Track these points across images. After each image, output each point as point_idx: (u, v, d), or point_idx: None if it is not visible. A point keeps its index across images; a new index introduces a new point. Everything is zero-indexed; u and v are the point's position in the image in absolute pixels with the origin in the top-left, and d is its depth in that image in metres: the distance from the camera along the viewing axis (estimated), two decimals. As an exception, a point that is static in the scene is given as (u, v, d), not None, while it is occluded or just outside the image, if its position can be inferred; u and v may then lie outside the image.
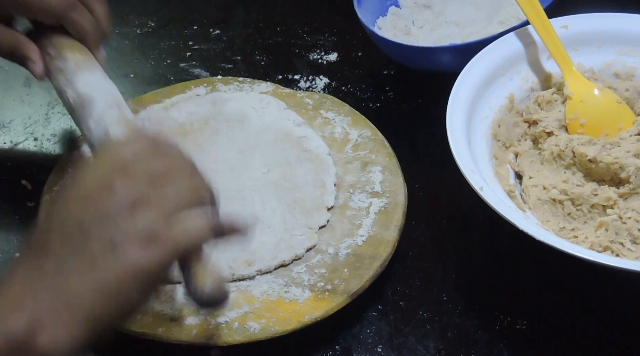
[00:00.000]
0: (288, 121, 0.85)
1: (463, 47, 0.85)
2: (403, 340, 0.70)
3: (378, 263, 0.71)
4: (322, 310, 0.68)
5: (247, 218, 0.58)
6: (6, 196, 0.83)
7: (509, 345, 0.70)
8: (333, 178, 0.79)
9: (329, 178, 0.79)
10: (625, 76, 0.84)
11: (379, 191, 0.78)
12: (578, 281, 0.72)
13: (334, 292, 0.69)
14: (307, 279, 0.71)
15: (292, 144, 0.82)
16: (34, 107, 0.94)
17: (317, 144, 0.82)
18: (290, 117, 0.85)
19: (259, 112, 0.86)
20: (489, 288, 0.74)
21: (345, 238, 0.74)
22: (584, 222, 0.74)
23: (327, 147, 0.82)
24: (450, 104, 0.76)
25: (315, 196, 0.77)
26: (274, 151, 0.81)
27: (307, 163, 0.80)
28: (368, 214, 0.76)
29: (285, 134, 0.83)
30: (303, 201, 0.76)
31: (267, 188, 0.77)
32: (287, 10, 1.07)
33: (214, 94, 0.89)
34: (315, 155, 0.81)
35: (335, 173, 0.80)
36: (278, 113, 0.86)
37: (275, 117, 0.85)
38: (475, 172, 0.71)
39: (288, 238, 0.73)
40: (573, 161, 0.77)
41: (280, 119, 0.85)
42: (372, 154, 0.82)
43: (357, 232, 0.75)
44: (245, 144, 0.82)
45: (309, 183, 0.78)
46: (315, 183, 0.78)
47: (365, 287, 0.70)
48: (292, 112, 0.86)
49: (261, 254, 0.72)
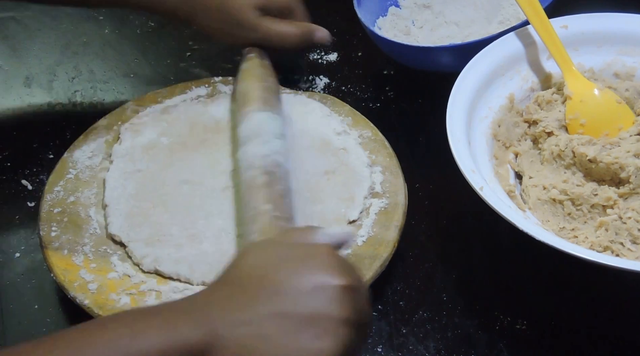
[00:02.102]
0: (329, 127, 0.83)
1: (463, 47, 0.85)
2: (403, 340, 0.70)
3: (378, 263, 0.71)
4: None
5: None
6: (6, 196, 0.83)
7: (509, 345, 0.70)
8: (365, 192, 0.78)
9: (361, 192, 0.78)
10: (625, 76, 0.84)
11: (379, 192, 0.78)
12: (578, 281, 0.72)
13: None
14: None
15: (328, 154, 0.81)
16: (34, 107, 0.94)
17: (356, 155, 0.81)
18: (332, 124, 0.84)
19: (301, 116, 0.85)
20: (489, 288, 0.74)
21: None
22: (584, 222, 0.74)
23: (367, 158, 0.81)
24: (450, 104, 0.76)
25: (338, 209, 0.76)
26: (305, 158, 0.80)
27: (339, 176, 0.79)
28: (368, 214, 0.76)
29: (323, 142, 0.82)
30: (323, 213, 0.76)
31: None
32: (287, 10, 1.07)
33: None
34: (352, 168, 0.79)
35: (369, 186, 0.78)
36: (320, 119, 0.85)
37: (317, 124, 0.84)
38: (475, 173, 0.71)
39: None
40: (573, 161, 0.77)
41: (320, 126, 0.84)
42: (373, 155, 0.82)
43: (357, 232, 0.75)
44: None
45: (335, 196, 0.77)
46: (342, 196, 0.77)
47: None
48: (336, 119, 0.85)
49: None
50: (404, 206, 0.76)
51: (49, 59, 0.98)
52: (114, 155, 0.82)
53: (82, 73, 0.97)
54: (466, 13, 0.96)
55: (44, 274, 0.74)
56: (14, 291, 0.75)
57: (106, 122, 0.86)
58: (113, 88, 0.96)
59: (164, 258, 0.72)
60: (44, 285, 0.75)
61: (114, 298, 0.70)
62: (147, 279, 0.71)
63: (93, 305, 0.69)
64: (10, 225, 0.80)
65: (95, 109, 0.88)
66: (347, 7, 0.93)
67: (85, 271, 0.72)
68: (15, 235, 0.79)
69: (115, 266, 0.72)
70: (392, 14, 0.97)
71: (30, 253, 0.77)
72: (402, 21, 0.96)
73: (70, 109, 0.93)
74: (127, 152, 0.82)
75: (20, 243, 0.78)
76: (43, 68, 0.98)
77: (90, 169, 0.81)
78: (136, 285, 0.71)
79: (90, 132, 0.85)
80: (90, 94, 0.95)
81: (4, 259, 0.77)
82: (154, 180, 0.79)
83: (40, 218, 0.76)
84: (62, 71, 0.97)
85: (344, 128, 0.84)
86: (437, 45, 0.90)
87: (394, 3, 0.98)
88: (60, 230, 0.75)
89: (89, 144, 0.83)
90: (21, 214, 0.81)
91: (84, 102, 0.94)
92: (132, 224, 0.75)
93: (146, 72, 0.97)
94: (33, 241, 0.78)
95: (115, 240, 0.75)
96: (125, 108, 0.87)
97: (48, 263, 0.72)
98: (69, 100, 0.94)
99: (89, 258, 0.73)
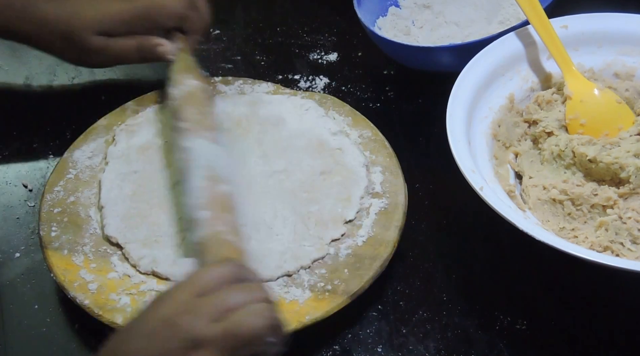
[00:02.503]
0: (324, 128, 0.83)
1: (463, 47, 0.85)
2: (403, 340, 0.70)
3: (378, 264, 0.71)
4: (322, 310, 0.68)
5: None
6: (6, 196, 0.83)
7: (509, 345, 0.70)
8: (361, 192, 0.78)
9: (357, 192, 0.78)
10: (625, 76, 0.84)
11: (379, 192, 0.78)
12: (578, 281, 0.72)
13: (334, 292, 0.69)
14: (307, 280, 0.71)
15: (325, 155, 0.81)
16: (34, 107, 0.94)
17: (352, 155, 0.81)
18: (327, 125, 0.84)
19: (296, 117, 0.85)
20: (489, 288, 0.74)
21: (346, 238, 0.74)
22: (584, 222, 0.74)
23: (364, 157, 0.81)
24: (450, 104, 0.76)
25: (334, 209, 0.76)
26: (301, 158, 0.80)
27: (335, 176, 0.79)
28: (368, 214, 0.76)
29: (319, 143, 0.82)
30: (320, 213, 0.76)
31: (281, 196, 0.77)
32: (287, 10, 1.07)
33: (253, 95, 0.88)
34: (348, 168, 0.79)
35: (365, 186, 0.78)
36: (316, 120, 0.84)
37: (312, 124, 0.84)
38: (475, 173, 0.71)
39: (296, 248, 0.73)
40: (573, 161, 0.77)
41: (316, 126, 0.84)
42: (373, 155, 0.82)
43: (357, 232, 0.75)
44: (273, 149, 0.81)
45: (332, 196, 0.77)
46: (339, 196, 0.77)
47: (365, 287, 0.70)
48: (331, 119, 0.85)
49: (266, 262, 0.71)
50: (404, 206, 0.76)
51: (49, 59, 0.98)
52: (109, 156, 0.82)
53: (82, 73, 0.97)
54: (466, 13, 0.96)
55: (44, 274, 0.74)
56: (14, 291, 0.75)
57: (106, 122, 0.86)
58: (113, 88, 0.95)
59: (162, 259, 0.72)
60: (44, 285, 0.75)
61: (114, 298, 0.70)
62: (147, 280, 0.71)
63: (93, 305, 0.69)
64: (10, 225, 0.80)
65: (95, 109, 0.88)
66: (347, 7, 0.93)
67: (85, 271, 0.72)
68: (15, 235, 0.79)
69: (115, 266, 0.72)
70: (392, 14, 0.97)
71: (30, 253, 0.77)
72: (402, 21, 0.96)
73: (70, 109, 0.93)
74: (122, 154, 0.82)
75: (20, 243, 0.78)
76: (43, 68, 0.98)
77: (91, 169, 0.81)
78: (136, 285, 0.71)
79: (90, 132, 0.85)
80: (90, 94, 0.95)
81: (4, 259, 0.77)
82: (151, 181, 0.79)
83: (40, 218, 0.76)
84: (62, 71, 0.97)
85: (340, 128, 0.84)
86: (437, 45, 0.90)
87: (394, 3, 0.98)
88: (60, 230, 0.75)
89: (89, 144, 0.83)
90: (21, 214, 0.81)
91: (83, 102, 0.94)
92: (128, 226, 0.75)
93: (146, 73, 0.97)
94: (33, 241, 0.78)
95: (112, 242, 0.75)
96: (125, 108, 0.87)
97: (48, 263, 0.72)
98: (69, 100, 0.94)
99: (89, 258, 0.73)
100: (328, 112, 0.86)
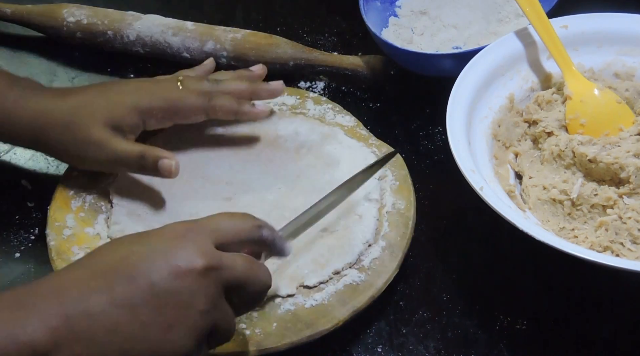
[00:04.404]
0: (363, 188, 0.75)
1: (474, 53, 0.82)
2: (403, 340, 0.70)
3: (308, 333, 0.68)
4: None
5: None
6: (6, 196, 0.83)
7: (509, 345, 0.70)
8: (342, 264, 0.72)
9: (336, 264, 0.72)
10: (625, 76, 0.84)
11: (365, 266, 0.72)
12: (578, 281, 0.73)
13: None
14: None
15: (342, 213, 0.75)
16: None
17: (364, 227, 0.74)
18: (369, 186, 0.77)
19: (351, 164, 0.79)
20: (489, 288, 0.74)
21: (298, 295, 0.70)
22: (584, 222, 0.74)
23: (372, 234, 0.74)
24: (450, 104, 0.76)
25: (301, 269, 0.71)
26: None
27: (332, 240, 0.74)
28: (337, 281, 0.71)
29: (345, 200, 0.74)
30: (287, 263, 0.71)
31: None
32: (287, 10, 1.07)
33: (330, 128, 0.84)
34: (349, 237, 0.74)
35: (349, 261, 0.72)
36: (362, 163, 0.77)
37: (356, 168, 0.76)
38: (475, 173, 0.71)
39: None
40: (573, 161, 0.77)
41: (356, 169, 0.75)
42: (389, 228, 0.75)
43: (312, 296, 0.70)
44: (306, 184, 0.79)
45: (310, 256, 0.72)
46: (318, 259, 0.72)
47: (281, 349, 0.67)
48: (376, 181, 0.78)
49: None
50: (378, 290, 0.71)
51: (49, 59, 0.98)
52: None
53: (82, 73, 0.97)
54: (462, 15, 0.96)
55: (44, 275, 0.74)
56: (14, 291, 0.75)
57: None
58: (113, 88, 0.95)
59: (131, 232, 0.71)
60: (44, 285, 0.75)
61: (75, 251, 0.71)
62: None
63: (55, 248, 0.72)
64: (10, 225, 0.80)
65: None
66: (347, 7, 0.93)
67: (72, 216, 0.75)
68: (15, 235, 0.79)
69: (97, 224, 0.74)
70: (392, 24, 0.96)
71: (30, 253, 0.77)
72: (404, 30, 0.96)
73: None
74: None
75: (20, 243, 0.78)
76: (43, 68, 0.98)
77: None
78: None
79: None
80: (90, 94, 0.95)
81: (4, 259, 0.77)
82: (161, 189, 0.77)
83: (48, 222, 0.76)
84: (62, 71, 0.97)
85: (377, 196, 0.77)
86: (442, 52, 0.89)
87: (392, 13, 0.97)
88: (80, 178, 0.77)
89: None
90: (21, 214, 0.81)
91: (84, 102, 0.94)
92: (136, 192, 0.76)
93: (146, 73, 0.97)
94: (33, 241, 0.78)
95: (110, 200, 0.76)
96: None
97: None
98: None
99: (84, 207, 0.76)
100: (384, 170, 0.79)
